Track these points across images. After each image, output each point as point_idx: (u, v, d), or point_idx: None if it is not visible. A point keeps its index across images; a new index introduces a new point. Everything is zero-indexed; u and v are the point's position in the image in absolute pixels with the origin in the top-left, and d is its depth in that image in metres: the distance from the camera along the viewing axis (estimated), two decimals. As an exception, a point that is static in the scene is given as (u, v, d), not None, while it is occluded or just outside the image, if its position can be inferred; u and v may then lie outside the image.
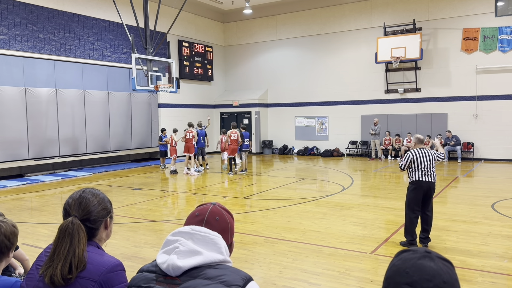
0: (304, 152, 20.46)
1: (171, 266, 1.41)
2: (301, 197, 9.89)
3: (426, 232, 6.05)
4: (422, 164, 6.00)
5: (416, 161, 6.02)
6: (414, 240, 6.02)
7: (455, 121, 17.22)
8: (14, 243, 2.11)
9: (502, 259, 5.50)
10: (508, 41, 16.12)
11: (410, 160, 6.06)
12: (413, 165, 6.03)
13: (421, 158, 6.02)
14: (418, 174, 6.00)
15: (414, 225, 5.99)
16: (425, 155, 6.05)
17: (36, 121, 13.90)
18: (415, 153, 6.07)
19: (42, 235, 6.97)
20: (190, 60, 20.29)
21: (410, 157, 6.06)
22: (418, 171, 6.00)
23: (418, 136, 6.37)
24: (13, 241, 2.10)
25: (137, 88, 12.65)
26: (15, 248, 2.31)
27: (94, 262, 1.69)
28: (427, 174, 5.99)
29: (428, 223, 6.04)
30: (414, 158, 6.03)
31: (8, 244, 2.07)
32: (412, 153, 6.08)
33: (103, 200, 1.85)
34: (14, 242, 2.11)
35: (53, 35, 14.42)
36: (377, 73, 18.76)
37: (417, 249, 1.09)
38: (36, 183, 12.74)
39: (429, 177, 5.99)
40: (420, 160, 6.01)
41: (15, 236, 2.12)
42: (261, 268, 5.30)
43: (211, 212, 1.57)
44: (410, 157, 6.06)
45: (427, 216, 6.04)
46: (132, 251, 6.05)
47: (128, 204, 9.53)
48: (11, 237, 2.09)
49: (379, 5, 18.57)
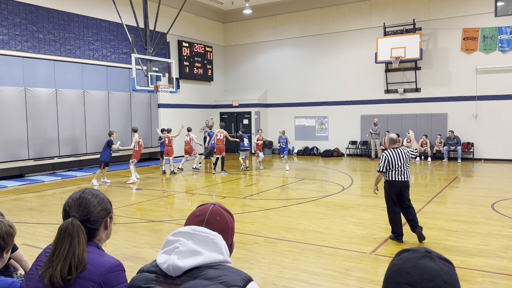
0: (304, 152, 20.46)
1: (172, 266, 1.41)
2: (301, 197, 9.89)
3: (414, 221, 6.15)
4: (396, 164, 6.15)
5: (390, 162, 6.16)
6: (400, 236, 6.20)
7: (455, 121, 17.22)
8: (9, 244, 2.10)
9: (502, 259, 5.50)
10: (508, 41, 16.12)
11: (386, 161, 6.17)
12: (388, 165, 6.17)
13: (395, 159, 6.16)
14: (391, 174, 6.17)
15: (397, 219, 6.20)
16: (399, 155, 6.19)
17: (36, 121, 13.90)
18: (389, 153, 6.20)
19: (42, 236, 6.97)
20: (190, 60, 20.29)
21: (387, 159, 6.18)
22: (391, 171, 6.17)
23: (391, 136, 6.46)
24: (8, 241, 2.08)
25: (137, 88, 12.65)
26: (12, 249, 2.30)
27: (94, 262, 1.68)
28: (400, 174, 6.16)
29: (412, 213, 6.19)
30: (389, 159, 6.16)
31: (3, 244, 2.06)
32: (387, 154, 6.21)
33: (103, 201, 1.85)
34: (9, 242, 2.10)
35: (53, 35, 14.41)
36: (377, 73, 18.76)
37: (417, 249, 1.09)
38: (36, 183, 12.74)
39: (402, 176, 6.16)
40: (395, 160, 6.15)
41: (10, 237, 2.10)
42: (261, 268, 5.30)
43: (212, 212, 1.57)
44: (387, 159, 6.18)
45: (408, 207, 6.23)
46: (132, 252, 6.04)
47: (128, 204, 9.52)
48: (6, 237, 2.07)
49: (379, 5, 18.57)
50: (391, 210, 6.26)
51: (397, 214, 6.22)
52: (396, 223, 6.22)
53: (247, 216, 8.16)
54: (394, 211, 6.23)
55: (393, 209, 6.24)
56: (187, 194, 10.95)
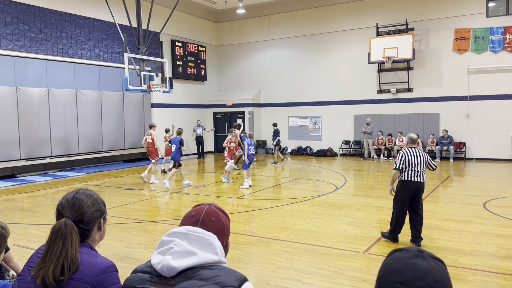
0: (297, 152, 20.49)
1: (166, 267, 1.41)
2: (295, 197, 9.90)
3: (418, 231, 6.01)
4: (413, 163, 6.00)
5: (407, 160, 6.01)
6: (396, 236, 6.11)
7: (447, 121, 17.34)
8: (2, 245, 2.08)
9: (493, 258, 5.55)
10: (499, 42, 16.27)
11: (403, 159, 6.03)
12: (405, 163, 6.02)
13: (413, 158, 6.01)
14: (407, 174, 6.01)
15: (401, 220, 6.03)
16: (417, 155, 6.03)
17: (27, 121, 13.79)
18: (407, 152, 6.06)
19: (33, 236, 6.92)
20: (183, 60, 20.23)
21: (404, 156, 6.03)
22: (408, 171, 6.01)
23: (411, 135, 6.32)
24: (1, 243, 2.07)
25: (130, 88, 12.58)
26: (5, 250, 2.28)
27: (87, 263, 1.68)
28: (416, 174, 5.99)
29: (420, 223, 6.02)
30: (406, 157, 6.02)
31: None
32: (405, 152, 6.07)
33: (97, 201, 1.84)
34: (2, 244, 2.08)
35: (45, 34, 14.30)
36: (370, 73, 18.84)
37: (409, 249, 1.10)
38: (28, 183, 12.64)
39: (418, 177, 5.99)
40: (411, 160, 6.00)
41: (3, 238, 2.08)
42: (255, 268, 5.31)
43: (207, 213, 1.57)
44: (404, 156, 6.03)
45: (418, 216, 6.02)
46: (125, 252, 6.02)
47: (121, 204, 9.48)
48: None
49: (371, 6, 18.65)
50: (400, 210, 6.03)
51: (404, 216, 6.03)
52: (399, 226, 6.06)
53: (241, 216, 8.16)
54: (403, 212, 6.02)
55: (402, 210, 6.02)
56: (181, 194, 10.91)
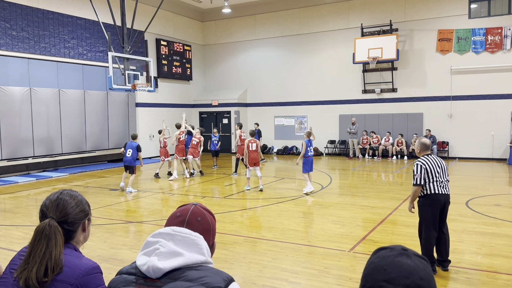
0: (283, 152, 20.55)
1: (152, 268, 1.39)
2: (281, 196, 9.93)
3: (446, 254, 5.15)
4: (435, 174, 5.01)
5: (429, 171, 5.00)
6: (434, 264, 5.11)
7: (430, 121, 17.59)
8: None
9: (476, 255, 5.65)
10: (481, 43, 16.56)
11: (424, 170, 5.00)
12: (427, 175, 5.00)
13: (435, 167, 5.02)
14: (432, 186, 5.00)
15: (432, 245, 5.07)
16: (437, 163, 5.07)
17: (9, 120, 13.53)
18: (425, 161, 5.04)
19: (16, 238, 6.80)
20: (169, 59, 20.11)
21: (423, 167, 4.99)
22: (432, 183, 5.00)
23: (423, 140, 5.23)
24: None
25: (114, 87, 12.45)
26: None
27: (71, 265, 1.66)
28: (442, 186, 5.05)
29: (447, 244, 5.16)
30: (426, 168, 5.00)
31: None
32: (423, 162, 5.04)
33: (81, 202, 1.82)
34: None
35: (27, 32, 14.06)
36: (355, 73, 19.00)
37: (394, 247, 1.11)
38: (10, 184, 12.41)
39: (444, 189, 5.05)
40: (433, 170, 5.01)
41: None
42: (241, 267, 5.30)
43: (193, 213, 1.56)
44: (423, 167, 4.99)
45: (444, 236, 5.17)
46: (110, 253, 5.96)
47: (105, 205, 9.38)
48: None
49: (356, 6, 18.80)
50: (429, 233, 5.04)
51: (435, 238, 5.07)
52: (431, 250, 5.07)
53: (227, 215, 8.15)
54: (432, 234, 5.04)
55: (431, 232, 5.03)
56: (166, 194, 10.85)
